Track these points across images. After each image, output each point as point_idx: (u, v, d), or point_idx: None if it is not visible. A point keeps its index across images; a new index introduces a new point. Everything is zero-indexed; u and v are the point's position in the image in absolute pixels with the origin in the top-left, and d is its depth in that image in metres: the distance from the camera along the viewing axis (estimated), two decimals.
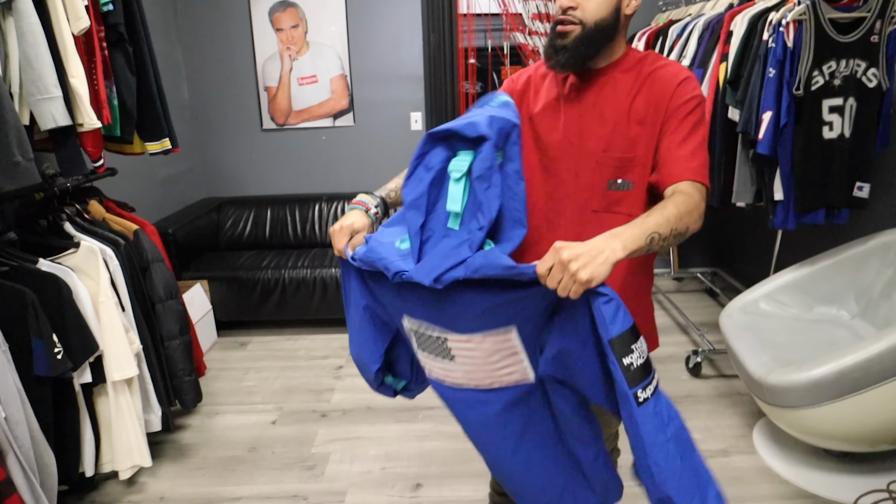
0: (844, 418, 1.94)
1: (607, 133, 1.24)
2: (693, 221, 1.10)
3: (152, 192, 3.58)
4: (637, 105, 1.22)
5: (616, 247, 0.95)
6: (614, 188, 1.25)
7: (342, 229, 1.20)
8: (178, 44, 4.03)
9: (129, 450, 2.07)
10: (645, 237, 1.00)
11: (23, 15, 1.66)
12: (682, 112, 1.19)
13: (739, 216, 3.65)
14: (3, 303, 1.66)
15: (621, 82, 1.24)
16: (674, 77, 1.21)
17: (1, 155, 1.53)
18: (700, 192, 1.15)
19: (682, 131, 1.19)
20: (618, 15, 1.22)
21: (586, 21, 1.20)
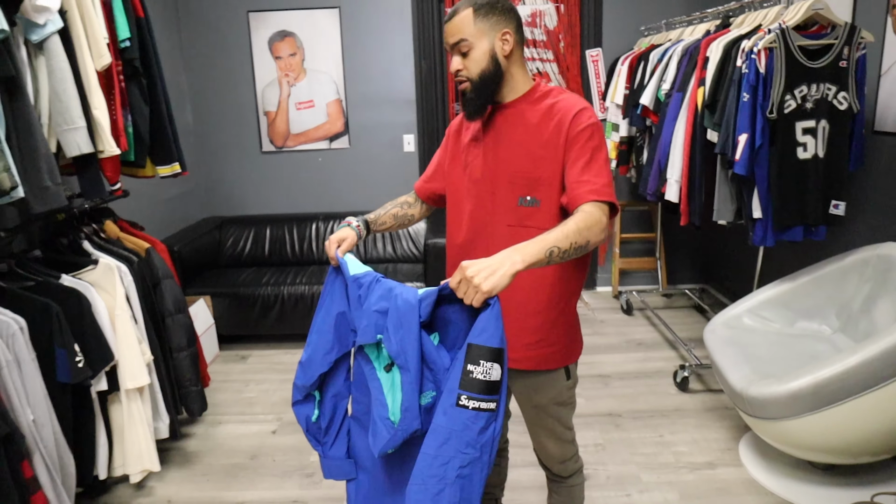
0: (824, 430, 1.99)
1: (517, 156, 1.42)
2: (594, 235, 1.24)
3: (158, 211, 3.71)
4: (541, 131, 1.40)
5: (516, 259, 1.09)
6: (524, 204, 1.42)
7: (332, 241, 1.43)
8: (183, 71, 4.20)
9: (139, 455, 2.18)
10: (544, 251, 1.14)
11: (53, 54, 1.82)
12: (581, 139, 1.35)
13: (726, 233, 3.77)
14: (31, 315, 1.79)
15: (528, 112, 1.43)
16: (571, 108, 1.38)
17: (33, 180, 1.67)
18: (601, 209, 1.29)
19: (584, 157, 1.35)
20: (496, 60, 1.40)
21: (472, 77, 1.40)
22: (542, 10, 4.03)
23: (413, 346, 1.13)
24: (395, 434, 1.17)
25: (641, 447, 2.54)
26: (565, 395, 1.57)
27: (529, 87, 1.46)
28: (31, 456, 1.68)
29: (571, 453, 1.67)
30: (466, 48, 1.38)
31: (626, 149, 3.78)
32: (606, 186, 1.32)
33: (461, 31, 1.38)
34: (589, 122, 1.36)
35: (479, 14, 1.38)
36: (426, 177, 1.71)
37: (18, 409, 1.67)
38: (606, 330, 3.81)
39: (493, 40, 1.39)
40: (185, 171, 2.58)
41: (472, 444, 1.06)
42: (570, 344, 1.54)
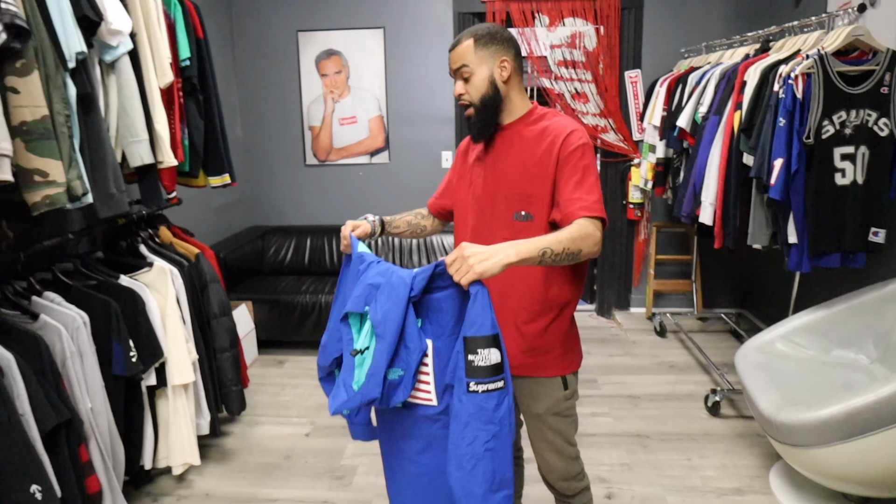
0: (856, 460, 1.94)
1: (512, 173, 1.53)
2: (587, 246, 1.33)
3: (206, 219, 3.89)
4: (535, 151, 1.50)
5: (510, 252, 1.19)
6: (519, 219, 1.51)
7: (348, 224, 1.56)
8: (235, 87, 4.40)
9: (182, 448, 2.31)
10: (538, 251, 1.25)
11: (122, 73, 1.98)
12: (572, 159, 1.45)
13: (765, 258, 3.74)
14: (92, 311, 1.93)
15: (524, 133, 1.54)
16: (563, 130, 1.48)
17: (100, 187, 1.81)
18: (594, 224, 1.38)
19: (575, 176, 1.44)
20: (496, 85, 1.51)
21: (473, 101, 1.52)
22: (582, 32, 4.10)
23: (396, 319, 1.23)
24: (352, 397, 1.27)
25: (669, 469, 2.55)
26: (563, 406, 1.61)
27: (527, 109, 1.57)
28: (88, 441, 1.81)
29: (575, 471, 1.69)
30: (468, 74, 1.50)
31: (662, 170, 3.80)
32: (597, 203, 1.41)
33: (463, 58, 1.50)
34: (579, 142, 1.45)
35: (479, 43, 1.49)
36: (437, 194, 1.84)
37: (79, 397, 1.80)
38: (638, 351, 3.82)
39: (493, 67, 1.50)
40: (234, 182, 2.73)
41: (490, 420, 1.19)
42: (565, 353, 1.60)
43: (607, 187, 4.39)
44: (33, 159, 1.56)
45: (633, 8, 4.08)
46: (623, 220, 4.41)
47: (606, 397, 3.20)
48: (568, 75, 4.18)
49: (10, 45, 1.49)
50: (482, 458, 1.19)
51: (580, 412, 2.91)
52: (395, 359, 1.25)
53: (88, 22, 1.81)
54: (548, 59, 4.20)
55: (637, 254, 4.46)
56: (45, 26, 1.65)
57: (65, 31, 1.71)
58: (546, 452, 1.66)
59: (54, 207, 1.60)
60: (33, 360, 1.64)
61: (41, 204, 1.58)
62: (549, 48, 4.16)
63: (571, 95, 4.21)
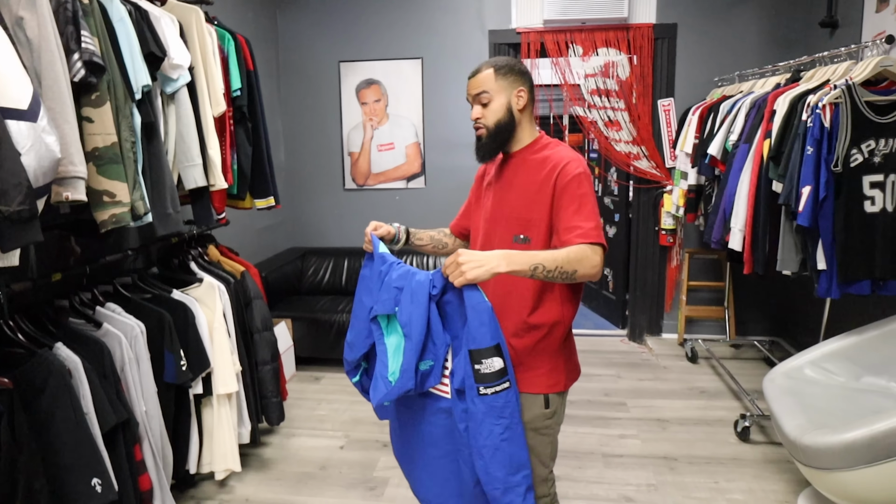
0: (882, 484, 1.93)
1: (514, 199, 1.63)
2: (583, 267, 1.41)
3: (250, 239, 4.07)
4: (535, 178, 1.59)
5: (502, 262, 1.31)
6: (518, 241, 1.60)
7: (372, 224, 1.72)
8: (280, 115, 4.62)
9: (224, 455, 2.43)
10: (530, 265, 1.35)
11: (181, 103, 2.16)
12: (570, 188, 1.52)
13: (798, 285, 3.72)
14: (148, 321, 2.09)
15: (529, 162, 1.63)
16: (562, 160, 1.56)
17: (159, 207, 1.98)
18: (593, 249, 1.44)
19: (573, 205, 1.51)
20: (512, 113, 1.62)
21: (488, 124, 1.62)
22: (616, 61, 4.20)
23: (420, 319, 1.39)
24: (391, 390, 1.43)
25: (695, 491, 2.57)
26: (541, 424, 1.64)
27: (533, 139, 1.67)
28: (142, 442, 1.95)
29: (539, 493, 1.68)
30: (487, 100, 1.60)
31: (693, 197, 3.85)
32: (594, 230, 1.48)
33: (483, 84, 1.60)
34: (576, 171, 1.53)
35: (499, 73, 1.60)
36: (458, 216, 1.97)
37: (135, 400, 1.95)
38: (668, 376, 3.83)
39: (510, 96, 1.61)
40: (278, 205, 2.89)
41: (501, 415, 1.37)
42: (550, 372, 1.64)
43: (640, 213, 4.45)
44: (103, 181, 1.73)
45: (666, 38, 4.17)
46: (655, 246, 4.45)
47: (635, 420, 3.23)
48: (601, 103, 4.27)
49: (88, 79, 1.66)
50: (499, 447, 1.38)
51: (608, 433, 3.02)
52: (423, 353, 1.40)
53: (154, 58, 1.99)
54: (581, 87, 4.30)
55: (669, 280, 4.48)
56: (116, 62, 1.82)
57: (133, 66, 1.89)
58: None
59: (119, 225, 1.76)
60: (97, 364, 1.79)
61: (108, 222, 1.74)
62: (582, 77, 4.27)
63: (604, 123, 4.30)
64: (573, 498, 2.50)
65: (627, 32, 4.14)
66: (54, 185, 1.51)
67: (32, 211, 1.32)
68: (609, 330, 4.84)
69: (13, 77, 1.33)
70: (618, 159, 4.34)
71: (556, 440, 1.71)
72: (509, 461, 1.38)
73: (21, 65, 1.36)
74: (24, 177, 1.30)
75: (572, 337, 1.73)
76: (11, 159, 1.27)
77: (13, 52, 1.35)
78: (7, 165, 1.26)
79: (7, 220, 1.27)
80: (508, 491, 1.40)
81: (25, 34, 1.46)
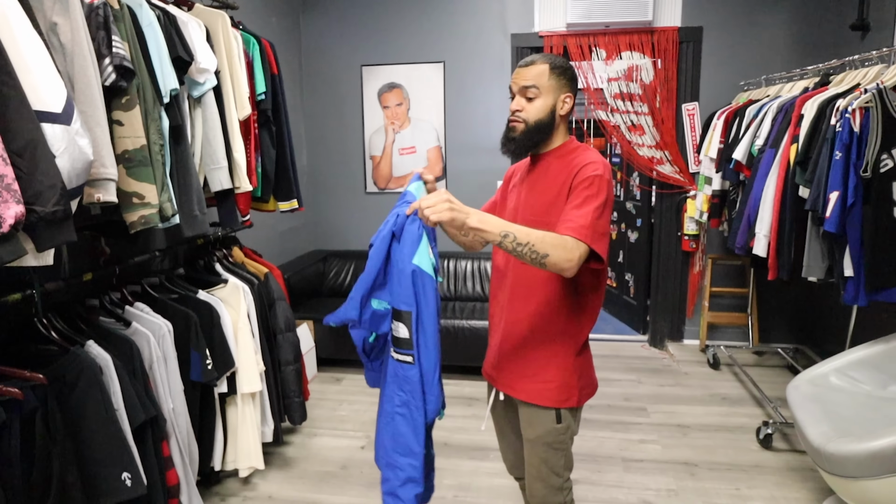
0: None
1: (536, 202, 1.58)
2: (557, 255, 1.34)
3: (272, 241, 4.12)
4: (556, 182, 1.55)
5: (472, 217, 1.31)
6: None
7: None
8: (303, 119, 4.68)
9: (248, 453, 2.47)
10: (501, 231, 1.33)
11: (207, 106, 2.20)
12: (580, 187, 1.48)
13: (824, 292, 3.67)
14: (175, 321, 2.13)
15: (553, 165, 1.59)
16: (581, 162, 1.52)
17: (185, 209, 2.02)
18: (576, 243, 1.37)
19: (576, 200, 1.47)
20: (553, 115, 1.57)
21: (528, 120, 1.56)
22: (639, 65, 4.18)
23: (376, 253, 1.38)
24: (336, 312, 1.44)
25: (716, 498, 2.54)
26: (553, 438, 1.61)
27: (563, 142, 1.62)
28: (169, 438, 1.99)
29: (555, 501, 1.67)
30: (534, 95, 1.54)
31: (718, 202, 3.81)
32: (586, 228, 1.40)
33: (535, 79, 1.54)
34: (591, 173, 1.48)
35: (554, 72, 1.55)
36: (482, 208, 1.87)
37: (162, 397, 1.99)
38: (690, 382, 3.80)
39: (557, 99, 1.56)
40: (301, 207, 2.93)
41: (401, 387, 1.40)
42: (563, 387, 1.59)
43: (662, 218, 4.42)
44: (132, 183, 1.77)
45: (691, 41, 4.14)
46: (677, 251, 4.41)
47: (655, 425, 3.21)
48: (624, 108, 4.25)
49: (119, 83, 1.70)
50: (393, 418, 1.41)
51: (628, 438, 3.01)
52: (375, 289, 1.39)
53: (181, 62, 2.03)
54: (604, 91, 4.28)
55: (691, 285, 4.45)
56: (145, 66, 1.87)
57: (162, 70, 1.93)
58: (531, 477, 1.68)
59: (148, 226, 1.80)
60: (126, 361, 1.83)
61: (137, 223, 1.78)
62: (605, 81, 4.25)
63: (627, 127, 4.28)
64: (592, 501, 2.50)
65: (652, 36, 4.12)
66: (86, 187, 1.55)
67: (67, 212, 1.36)
68: (630, 335, 4.81)
69: (48, 81, 1.36)
70: (640, 164, 4.32)
71: (570, 452, 1.68)
72: (398, 439, 1.40)
73: (55, 69, 1.40)
74: (59, 178, 1.33)
75: (589, 351, 1.68)
76: (47, 161, 1.31)
77: (48, 57, 1.39)
78: (42, 167, 1.29)
79: (42, 220, 1.31)
80: (391, 467, 1.42)
81: (59, 39, 1.50)
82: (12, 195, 1.23)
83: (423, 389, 1.38)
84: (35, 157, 1.29)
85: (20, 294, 1.70)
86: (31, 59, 1.35)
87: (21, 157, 1.27)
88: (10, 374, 1.53)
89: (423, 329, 1.36)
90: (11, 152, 1.26)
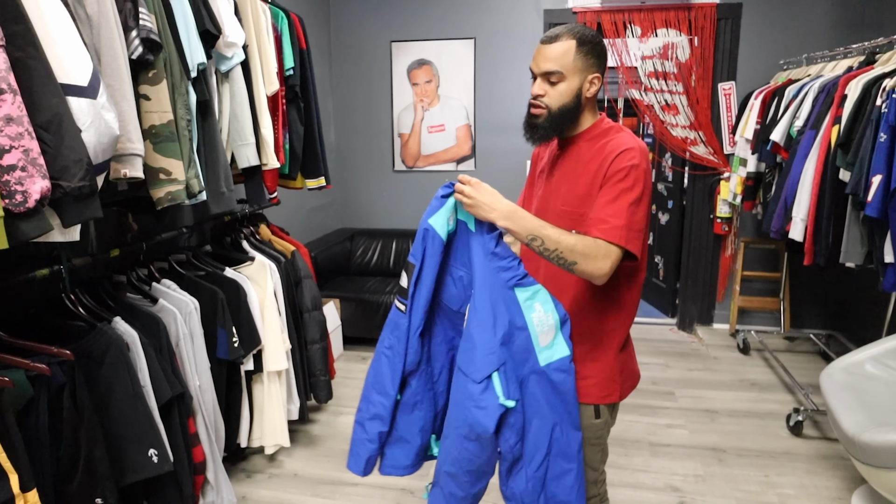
0: None
1: (566, 192, 1.46)
2: (586, 264, 1.28)
3: (299, 219, 4.12)
4: (589, 169, 1.42)
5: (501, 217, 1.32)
6: None
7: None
8: (331, 95, 4.64)
9: (273, 430, 2.49)
10: (529, 234, 1.30)
11: (234, 81, 2.18)
12: (614, 178, 1.35)
13: (858, 278, 3.57)
14: (201, 298, 2.14)
15: (584, 149, 1.46)
16: (616, 148, 1.38)
17: (213, 186, 2.01)
18: (608, 249, 1.29)
19: (610, 194, 1.35)
20: (579, 99, 1.43)
21: (552, 106, 1.42)
22: (675, 43, 4.06)
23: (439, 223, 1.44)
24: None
25: (744, 484, 2.50)
26: (590, 434, 1.54)
27: (593, 122, 1.49)
28: (195, 415, 2.01)
29: (589, 493, 1.61)
30: (557, 80, 1.40)
31: (752, 184, 3.71)
32: (621, 229, 1.31)
33: (558, 61, 1.39)
34: (628, 163, 1.35)
35: (581, 50, 1.39)
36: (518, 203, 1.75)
37: (189, 374, 2.00)
38: (719, 367, 3.73)
39: (584, 80, 1.41)
40: (328, 185, 2.91)
41: (392, 331, 1.49)
42: (604, 382, 1.51)
43: (694, 200, 4.32)
44: (159, 159, 1.75)
45: (730, 18, 4.01)
46: (710, 234, 4.32)
47: (683, 410, 3.16)
48: (658, 87, 4.14)
49: (145, 57, 1.68)
50: (380, 357, 1.52)
51: (655, 422, 2.98)
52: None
53: (209, 35, 2.00)
54: (638, 70, 4.18)
55: (722, 269, 4.35)
56: (173, 40, 1.84)
57: (189, 44, 1.91)
58: None
59: (175, 203, 1.79)
60: (153, 338, 1.84)
61: (164, 199, 1.77)
62: (639, 59, 4.14)
63: (661, 107, 4.17)
64: (619, 485, 2.47)
65: (689, 12, 3.99)
66: (113, 162, 1.53)
67: (92, 187, 1.35)
68: (658, 318, 4.74)
69: (74, 54, 1.35)
70: (673, 144, 4.21)
71: (606, 445, 1.62)
72: (376, 375, 1.52)
73: (82, 42, 1.38)
74: (85, 153, 1.32)
75: (631, 344, 1.60)
76: (72, 136, 1.29)
77: (74, 30, 1.37)
78: (68, 142, 1.28)
79: (68, 195, 1.30)
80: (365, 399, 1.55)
81: (86, 11, 1.48)
82: (38, 170, 1.22)
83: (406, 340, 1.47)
84: (61, 132, 1.27)
85: (48, 269, 1.71)
86: (57, 30, 1.33)
87: (47, 131, 1.26)
88: (38, 350, 1.54)
89: (420, 286, 1.44)
90: (37, 126, 1.25)
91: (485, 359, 1.37)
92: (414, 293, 1.44)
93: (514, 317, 1.37)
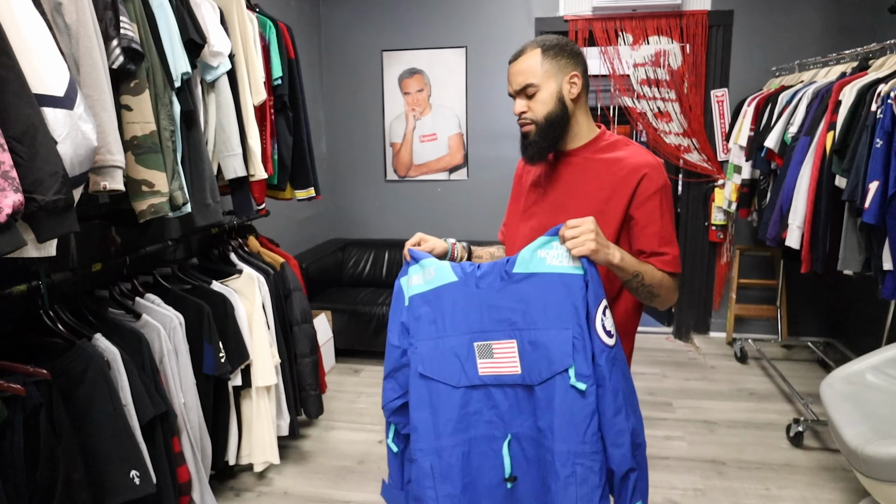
0: None
1: (578, 207, 1.38)
2: (666, 296, 1.34)
3: (290, 230, 4.07)
4: (605, 185, 1.37)
5: (616, 254, 1.21)
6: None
7: (414, 237, 1.50)
8: (321, 105, 4.61)
9: (263, 447, 2.43)
10: (634, 270, 1.26)
11: (221, 91, 2.14)
12: (652, 203, 1.35)
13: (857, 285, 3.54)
14: (187, 313, 2.08)
15: (593, 163, 1.41)
16: (640, 167, 1.35)
17: (198, 198, 1.96)
18: (675, 281, 1.37)
19: (655, 224, 1.35)
20: (563, 102, 1.38)
21: (537, 118, 1.38)
22: (667, 50, 4.05)
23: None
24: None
25: (745, 498, 2.45)
26: None
27: (594, 135, 1.44)
28: (180, 434, 1.94)
29: None
30: (533, 92, 1.37)
31: (747, 192, 3.69)
32: (678, 259, 1.37)
33: (528, 74, 1.36)
34: (661, 183, 1.36)
35: (547, 55, 1.36)
36: (504, 223, 1.71)
37: (173, 392, 1.94)
38: (716, 376, 3.69)
39: (561, 83, 1.37)
40: (319, 196, 2.87)
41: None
42: None
43: (689, 207, 4.30)
44: (142, 171, 1.71)
45: (721, 25, 4.00)
46: (705, 242, 4.29)
47: (681, 421, 3.12)
48: (651, 94, 4.13)
49: (127, 66, 1.64)
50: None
51: (653, 434, 2.92)
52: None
53: (194, 45, 1.96)
54: (630, 77, 4.16)
55: (718, 277, 4.33)
56: (156, 49, 1.80)
57: (173, 53, 1.86)
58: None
59: (158, 215, 1.74)
60: (135, 355, 1.78)
61: (147, 212, 1.72)
62: (632, 67, 4.13)
63: (654, 114, 4.16)
64: None
65: (681, 20, 3.98)
66: (92, 175, 1.49)
67: (68, 200, 1.30)
68: (654, 327, 4.70)
69: (50, 63, 1.30)
70: (667, 152, 4.19)
71: None
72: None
73: (58, 51, 1.34)
74: (60, 165, 1.27)
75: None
76: (47, 147, 1.25)
77: (50, 38, 1.32)
78: (42, 154, 1.23)
79: (43, 209, 1.25)
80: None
81: (64, 20, 1.44)
82: (10, 183, 1.17)
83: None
84: (35, 143, 1.22)
85: (26, 285, 1.65)
86: (32, 39, 1.28)
87: (20, 142, 1.21)
88: (13, 369, 1.48)
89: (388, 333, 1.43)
90: (10, 138, 1.20)
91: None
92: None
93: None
